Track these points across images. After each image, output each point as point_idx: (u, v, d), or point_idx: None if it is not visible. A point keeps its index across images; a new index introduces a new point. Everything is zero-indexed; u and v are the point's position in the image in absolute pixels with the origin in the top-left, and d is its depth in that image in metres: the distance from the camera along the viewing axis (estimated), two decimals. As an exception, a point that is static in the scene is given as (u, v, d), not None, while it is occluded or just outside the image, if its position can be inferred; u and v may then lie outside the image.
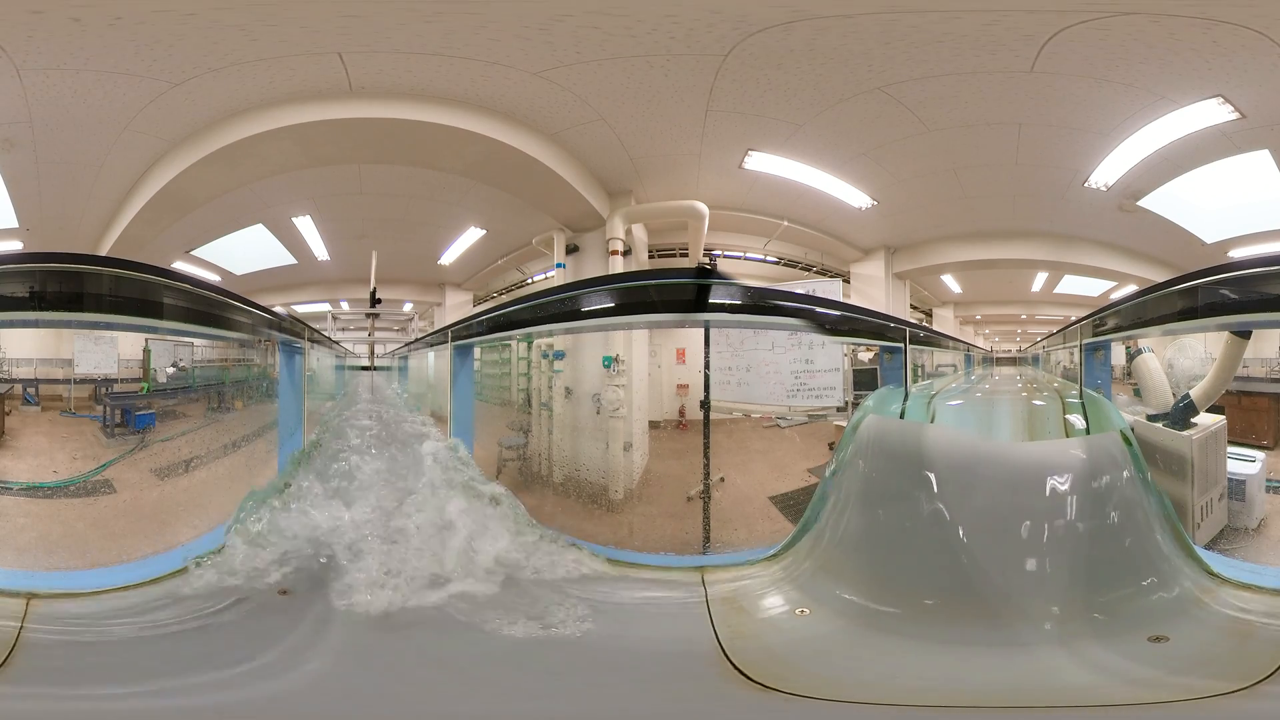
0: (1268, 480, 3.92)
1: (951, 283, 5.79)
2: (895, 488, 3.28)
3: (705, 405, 4.00)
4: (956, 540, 2.97)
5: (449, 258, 5.57)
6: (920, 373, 5.55)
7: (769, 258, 5.17)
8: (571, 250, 5.08)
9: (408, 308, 5.92)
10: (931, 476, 3.13)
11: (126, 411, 4.63)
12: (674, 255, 5.05)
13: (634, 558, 3.60)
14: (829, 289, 5.13)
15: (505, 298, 5.54)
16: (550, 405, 5.22)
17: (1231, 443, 3.97)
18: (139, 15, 3.33)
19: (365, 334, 5.82)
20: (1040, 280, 5.37)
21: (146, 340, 4.84)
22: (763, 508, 4.41)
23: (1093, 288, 5.13)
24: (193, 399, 4.96)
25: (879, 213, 4.90)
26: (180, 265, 4.79)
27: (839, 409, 4.84)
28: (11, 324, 3.20)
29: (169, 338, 4.84)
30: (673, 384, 5.04)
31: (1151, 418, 4.24)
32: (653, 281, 3.93)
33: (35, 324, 3.28)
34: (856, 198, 4.79)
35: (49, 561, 3.46)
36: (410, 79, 3.92)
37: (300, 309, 5.43)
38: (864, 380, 4.91)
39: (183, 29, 3.44)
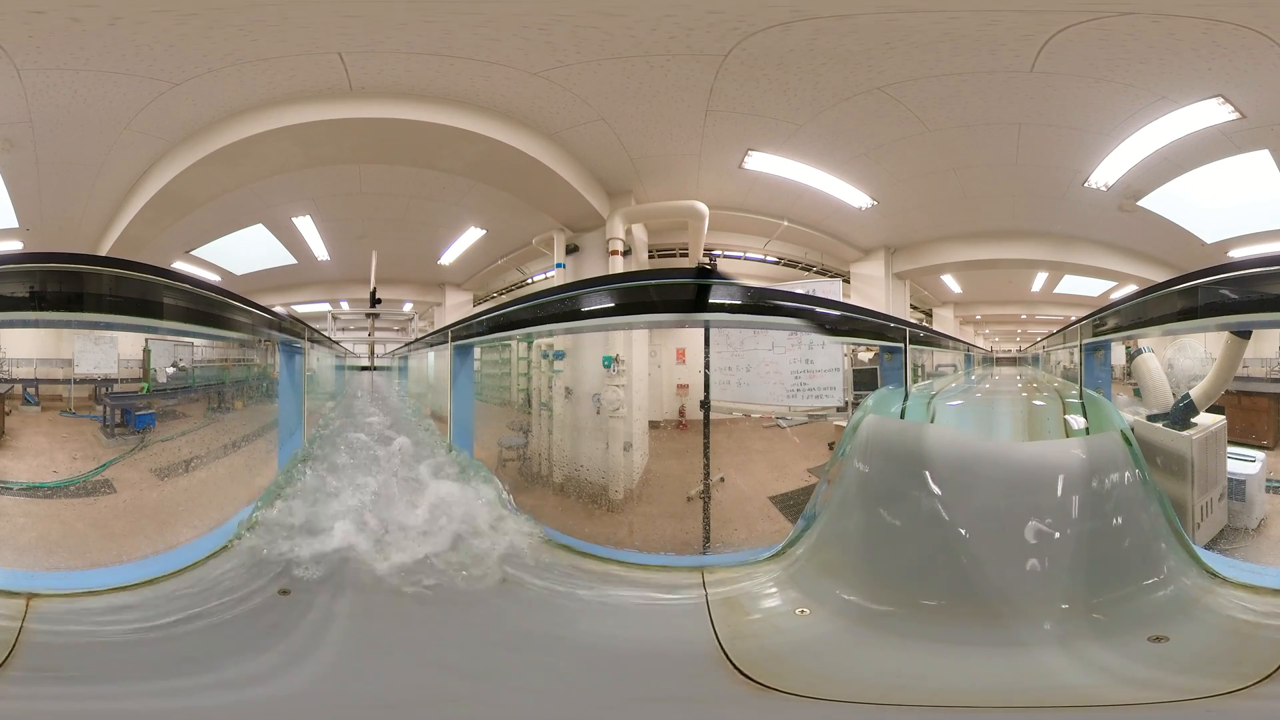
0: (1268, 480, 3.92)
1: (951, 283, 5.79)
2: (895, 488, 3.27)
3: (705, 405, 4.00)
4: (956, 540, 2.97)
5: (449, 258, 5.57)
6: (920, 373, 5.55)
7: (769, 258, 5.16)
8: (571, 250, 5.08)
9: (408, 308, 5.91)
10: (931, 476, 3.13)
11: (126, 411, 4.63)
12: (674, 255, 5.04)
13: (634, 558, 3.60)
14: (829, 289, 5.12)
15: (505, 298, 5.54)
16: (550, 405, 5.22)
17: (1231, 443, 3.97)
18: (139, 15, 3.33)
19: (365, 334, 5.82)
20: (1040, 280, 5.37)
21: (146, 340, 4.84)
22: (763, 508, 4.40)
23: (1093, 288, 5.12)
24: (193, 399, 4.96)
25: (879, 213, 4.90)
26: (180, 265, 4.79)
27: (839, 409, 4.84)
28: (11, 324, 3.20)
29: (169, 338, 4.84)
30: (673, 384, 5.03)
31: (1151, 418, 4.23)
32: (653, 281, 3.92)
33: (35, 324, 3.28)
34: (856, 198, 4.78)
35: (49, 561, 3.46)
36: (410, 79, 3.92)
37: (300, 309, 5.43)
38: (864, 380, 4.91)
39: (183, 29, 3.44)
